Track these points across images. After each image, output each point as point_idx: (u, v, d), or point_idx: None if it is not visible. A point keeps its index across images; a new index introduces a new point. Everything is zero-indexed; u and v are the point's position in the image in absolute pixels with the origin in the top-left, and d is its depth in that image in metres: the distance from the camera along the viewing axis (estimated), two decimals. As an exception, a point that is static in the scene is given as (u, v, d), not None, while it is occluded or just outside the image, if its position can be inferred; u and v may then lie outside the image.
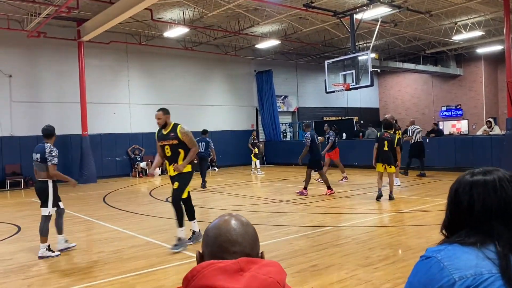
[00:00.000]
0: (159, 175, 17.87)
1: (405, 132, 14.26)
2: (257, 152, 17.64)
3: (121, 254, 5.68)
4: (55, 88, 16.60)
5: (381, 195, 9.26)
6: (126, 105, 18.40)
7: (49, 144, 5.99)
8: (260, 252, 1.22)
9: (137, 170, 17.67)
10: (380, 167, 9.37)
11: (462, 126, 24.20)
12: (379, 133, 9.57)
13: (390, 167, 9.38)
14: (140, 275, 4.74)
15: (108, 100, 17.82)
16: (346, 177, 13.14)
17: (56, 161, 5.87)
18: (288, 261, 5.05)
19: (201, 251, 1.22)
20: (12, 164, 15.47)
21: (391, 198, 9.23)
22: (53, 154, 5.84)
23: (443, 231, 1.35)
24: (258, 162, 17.31)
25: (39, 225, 5.92)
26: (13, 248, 6.33)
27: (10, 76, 15.71)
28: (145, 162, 18.01)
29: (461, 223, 1.30)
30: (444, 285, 1.16)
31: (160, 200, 10.74)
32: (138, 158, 17.97)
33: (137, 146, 18.28)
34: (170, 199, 6.47)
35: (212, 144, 14.18)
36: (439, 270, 1.19)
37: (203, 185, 13.12)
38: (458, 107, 24.79)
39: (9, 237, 7.09)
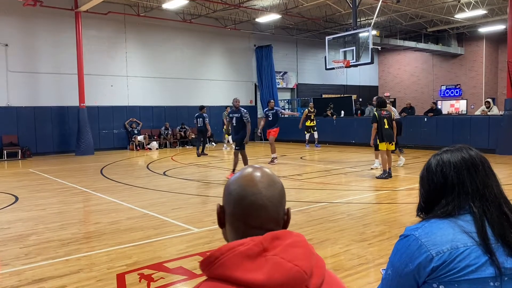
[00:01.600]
0: (156, 149, 17.89)
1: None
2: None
3: (118, 226, 5.73)
4: (52, 59, 16.41)
5: (391, 175, 9.21)
6: (123, 77, 18.24)
7: None
8: (286, 208, 1.10)
9: (134, 143, 17.66)
10: (384, 145, 9.26)
11: (460, 106, 24.17)
12: (377, 113, 9.32)
13: (391, 144, 9.32)
14: (136, 246, 4.79)
15: (105, 72, 17.65)
16: (276, 158, 12.22)
17: None
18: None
19: (222, 205, 1.09)
20: (9, 134, 15.42)
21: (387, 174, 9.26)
22: None
23: (420, 215, 1.40)
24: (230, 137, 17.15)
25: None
26: (11, 217, 6.37)
27: (6, 45, 15.49)
28: (142, 136, 17.99)
29: (435, 201, 1.35)
30: (423, 261, 1.22)
31: (157, 174, 10.77)
32: (136, 132, 17.93)
33: (135, 119, 18.22)
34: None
35: (207, 119, 14.30)
36: (417, 247, 1.24)
37: (198, 153, 14.42)
38: (457, 87, 24.70)
39: (6, 206, 7.12)
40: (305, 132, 17.67)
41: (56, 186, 9.19)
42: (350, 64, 14.36)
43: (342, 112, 19.58)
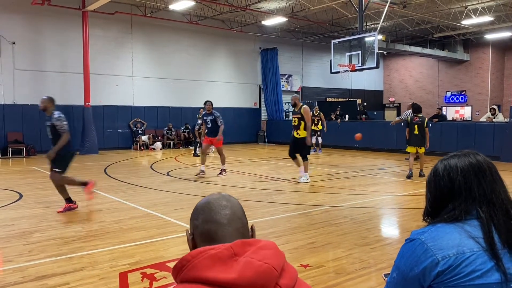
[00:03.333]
0: (160, 149, 17.94)
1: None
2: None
3: (121, 225, 5.75)
4: (58, 57, 16.50)
5: (411, 175, 9.80)
6: (129, 77, 18.31)
7: None
8: (250, 226, 1.22)
9: (138, 143, 17.71)
10: (411, 149, 10.04)
11: (465, 112, 24.10)
12: (409, 117, 10.08)
13: (421, 148, 10.01)
14: (139, 245, 4.80)
15: (111, 72, 17.73)
16: (224, 170, 10.53)
17: None
18: (286, 238, 5.11)
19: (190, 232, 1.17)
20: (14, 131, 15.50)
21: (421, 175, 9.81)
22: None
23: (426, 219, 1.40)
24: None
25: None
26: (15, 214, 6.40)
27: (14, 43, 15.60)
28: (147, 136, 18.04)
29: (442, 206, 1.35)
30: (428, 266, 1.22)
31: (161, 174, 10.80)
32: (140, 132, 17.99)
33: (139, 120, 18.27)
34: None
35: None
36: (423, 252, 1.24)
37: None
38: (462, 93, 24.63)
39: (11, 203, 7.16)
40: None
41: (60, 184, 9.20)
42: (356, 68, 14.36)
43: (347, 116, 19.57)
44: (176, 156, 15.43)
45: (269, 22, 19.14)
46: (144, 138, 17.88)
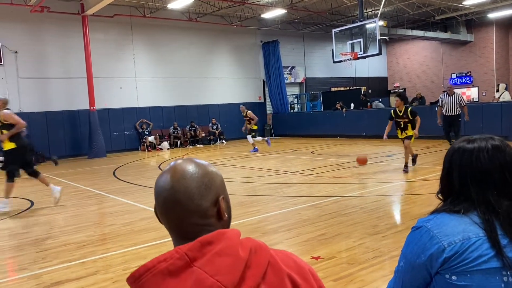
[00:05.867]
0: (168, 149, 18.00)
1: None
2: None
3: (133, 227, 5.78)
4: (61, 64, 16.57)
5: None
6: (132, 79, 18.36)
7: None
8: (219, 197, 0.99)
9: (145, 144, 17.79)
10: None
11: (472, 93, 23.86)
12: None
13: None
14: (151, 247, 4.83)
15: (114, 75, 17.78)
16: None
17: None
18: (297, 230, 5.11)
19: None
20: (22, 140, 15.60)
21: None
22: None
23: (439, 195, 1.39)
24: None
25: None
26: (27, 222, 6.47)
27: (16, 52, 15.69)
28: (153, 136, 18.10)
29: (448, 189, 1.35)
30: (435, 252, 1.22)
31: (169, 173, 10.82)
32: (146, 133, 18.06)
33: (145, 120, 18.33)
34: None
35: None
36: (429, 239, 1.24)
37: None
38: (468, 74, 24.38)
39: (23, 211, 7.23)
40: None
41: (70, 189, 9.30)
42: (358, 56, 14.28)
43: (352, 105, 19.49)
44: (183, 155, 15.47)
45: (269, 14, 19.05)
46: (151, 138, 17.94)
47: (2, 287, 3.98)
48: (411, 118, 8.82)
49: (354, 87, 24.56)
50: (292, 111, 22.91)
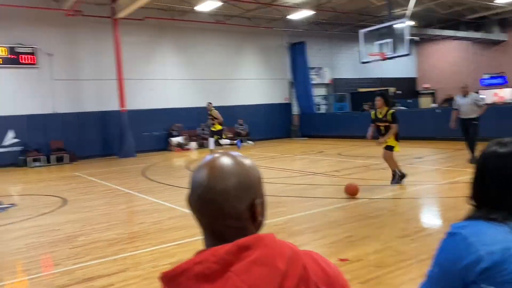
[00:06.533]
0: (195, 149, 18.22)
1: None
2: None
3: (161, 225, 5.90)
4: (93, 66, 17.03)
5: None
6: (161, 80, 18.68)
7: None
8: (253, 201, 0.94)
9: (173, 145, 18.08)
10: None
11: (505, 94, 23.13)
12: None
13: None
14: (179, 245, 4.92)
15: (144, 76, 18.13)
16: None
17: None
18: (323, 232, 5.10)
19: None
20: (56, 140, 16.13)
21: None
22: None
23: (471, 201, 1.33)
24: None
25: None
26: (61, 219, 6.68)
27: (51, 55, 16.21)
28: (182, 137, 18.38)
29: (481, 195, 1.29)
30: (472, 262, 1.16)
31: (196, 174, 10.96)
32: (175, 133, 18.37)
33: (177, 125, 18.62)
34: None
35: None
36: (466, 247, 1.18)
37: None
38: (501, 75, 23.64)
39: (56, 209, 7.48)
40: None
41: (101, 188, 9.55)
42: (386, 56, 14.09)
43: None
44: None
45: (296, 16, 19.02)
46: (179, 139, 18.23)
47: (37, 281, 4.14)
48: (391, 122, 7.56)
49: (381, 88, 24.20)
50: (319, 112, 22.79)
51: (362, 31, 15.12)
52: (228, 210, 0.91)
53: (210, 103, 14.02)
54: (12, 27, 15.37)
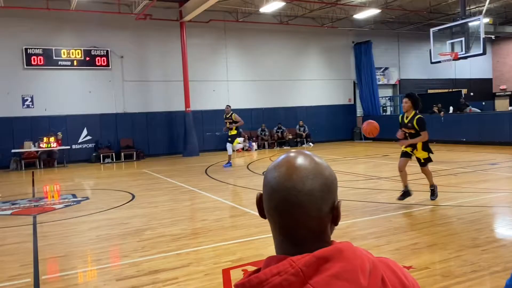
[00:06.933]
0: (255, 150, 18.39)
1: None
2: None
3: (223, 223, 6.01)
4: (160, 67, 17.76)
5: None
6: (224, 82, 19.05)
7: None
8: (335, 202, 0.90)
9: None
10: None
11: None
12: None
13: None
14: (240, 243, 4.98)
15: (208, 78, 18.60)
16: None
17: None
18: (387, 238, 4.93)
19: (260, 196, 0.93)
20: (126, 138, 17.02)
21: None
22: None
23: None
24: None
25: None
26: (129, 213, 7.03)
27: (122, 57, 17.11)
28: (242, 138, 18.62)
29: None
30: None
31: (256, 174, 11.07)
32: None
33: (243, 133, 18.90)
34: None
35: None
36: None
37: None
38: None
39: (125, 203, 7.87)
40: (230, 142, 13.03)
41: (166, 185, 9.92)
42: (459, 56, 13.36)
43: (451, 108, 18.26)
44: (270, 156, 15.69)
45: (362, 15, 18.58)
46: (240, 140, 18.48)
47: (107, 271, 4.37)
48: (418, 129, 6.52)
49: (453, 90, 22.98)
50: (384, 113, 22.09)
51: (433, 30, 14.44)
52: (313, 213, 0.85)
53: (228, 106, 13.54)
54: (87, 31, 16.43)
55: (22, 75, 15.61)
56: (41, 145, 14.89)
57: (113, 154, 16.39)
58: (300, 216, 0.85)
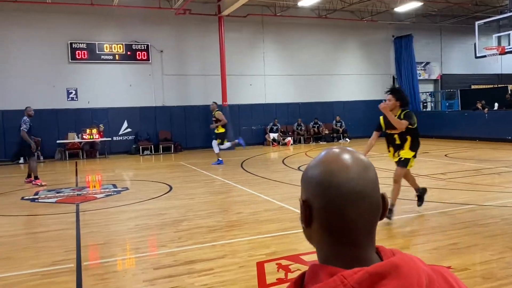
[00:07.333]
0: (291, 144, 18.35)
1: None
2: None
3: (257, 216, 6.05)
4: (198, 61, 17.98)
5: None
6: (261, 76, 19.07)
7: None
8: (381, 195, 0.87)
9: (270, 139, 18.40)
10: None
11: None
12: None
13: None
14: (275, 237, 5.01)
15: (245, 72, 18.67)
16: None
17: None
18: (425, 237, 4.83)
19: (305, 200, 0.85)
20: (164, 130, 17.38)
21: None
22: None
23: None
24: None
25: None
26: (167, 204, 7.20)
27: (162, 51, 17.45)
28: (277, 134, 18.63)
29: None
30: None
31: (292, 168, 11.05)
32: (273, 129, 18.67)
33: (276, 122, 18.89)
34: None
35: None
36: None
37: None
38: None
39: (163, 194, 8.07)
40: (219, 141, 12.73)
41: (202, 177, 10.08)
42: (506, 50, 12.78)
43: (496, 104, 17.53)
44: (306, 151, 15.61)
45: (403, 8, 18.07)
46: (275, 135, 18.51)
47: (145, 259, 4.51)
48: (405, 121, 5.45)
49: (499, 85, 22.02)
50: (424, 110, 21.47)
51: (479, 23, 13.88)
52: (375, 203, 0.83)
53: (214, 102, 13.10)
54: (129, 26, 16.85)
55: (67, 69, 16.22)
56: (84, 136, 15.47)
57: (152, 146, 16.78)
58: (366, 206, 0.81)
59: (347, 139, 19.21)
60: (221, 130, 12.42)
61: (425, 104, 21.95)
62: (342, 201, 0.80)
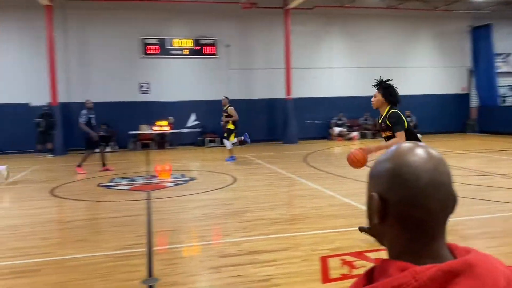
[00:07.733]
0: (358, 139, 17.93)
1: None
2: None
3: (321, 211, 6.00)
4: (263, 55, 18.07)
5: None
6: (326, 69, 18.77)
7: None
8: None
9: (335, 134, 18.11)
10: None
11: None
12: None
13: None
14: (339, 233, 4.94)
15: (309, 65, 18.48)
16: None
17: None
18: (502, 240, 4.52)
19: (379, 194, 0.82)
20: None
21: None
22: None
23: None
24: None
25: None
26: (231, 195, 7.35)
27: (228, 45, 17.74)
28: (341, 129, 18.29)
29: None
30: None
31: (358, 164, 10.79)
32: (339, 123, 18.36)
33: (341, 115, 18.57)
34: None
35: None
36: None
37: None
38: None
39: (228, 185, 8.24)
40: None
41: (265, 170, 10.16)
42: None
43: None
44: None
45: (481, -4, 16.92)
46: (340, 129, 18.17)
47: (210, 248, 4.65)
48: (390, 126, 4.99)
49: None
50: (503, 104, 20.02)
51: None
52: (452, 196, 0.83)
53: (226, 97, 12.68)
54: (197, 21, 17.30)
55: (139, 63, 17.01)
56: (154, 128, 16.19)
57: (217, 138, 17.18)
58: (442, 198, 0.80)
59: (418, 134, 18.37)
60: (231, 126, 12.21)
61: (504, 99, 20.45)
62: (421, 192, 0.79)
